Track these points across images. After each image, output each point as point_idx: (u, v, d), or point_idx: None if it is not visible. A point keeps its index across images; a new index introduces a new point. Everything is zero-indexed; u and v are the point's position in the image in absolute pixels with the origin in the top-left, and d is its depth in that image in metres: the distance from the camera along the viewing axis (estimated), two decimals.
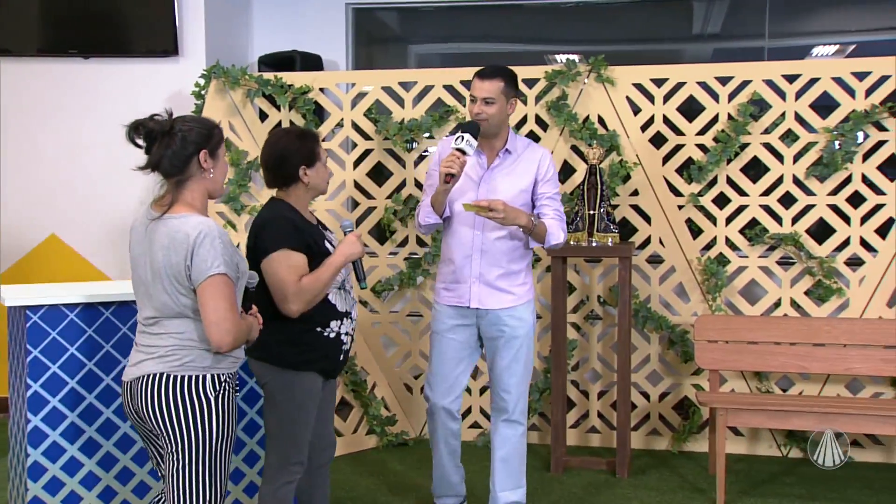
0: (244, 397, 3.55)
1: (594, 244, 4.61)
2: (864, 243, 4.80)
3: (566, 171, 5.06)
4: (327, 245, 3.16)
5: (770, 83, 4.83)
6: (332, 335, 3.14)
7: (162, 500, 2.75)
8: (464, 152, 3.47)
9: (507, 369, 3.64)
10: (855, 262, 4.84)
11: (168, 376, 2.54)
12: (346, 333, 3.19)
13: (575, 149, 5.03)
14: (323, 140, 5.08)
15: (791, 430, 4.74)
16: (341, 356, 3.20)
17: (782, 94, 4.82)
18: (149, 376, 2.56)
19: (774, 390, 4.87)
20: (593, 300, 5.09)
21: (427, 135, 5.14)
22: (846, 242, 4.82)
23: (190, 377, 2.55)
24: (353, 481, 4.49)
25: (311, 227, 3.17)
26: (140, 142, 2.60)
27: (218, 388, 2.57)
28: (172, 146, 2.57)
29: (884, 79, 4.72)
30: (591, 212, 4.61)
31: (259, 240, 3.08)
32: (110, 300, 3.29)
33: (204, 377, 2.56)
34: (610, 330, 5.07)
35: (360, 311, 5.10)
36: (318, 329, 3.11)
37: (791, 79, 4.82)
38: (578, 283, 5.09)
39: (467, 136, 3.47)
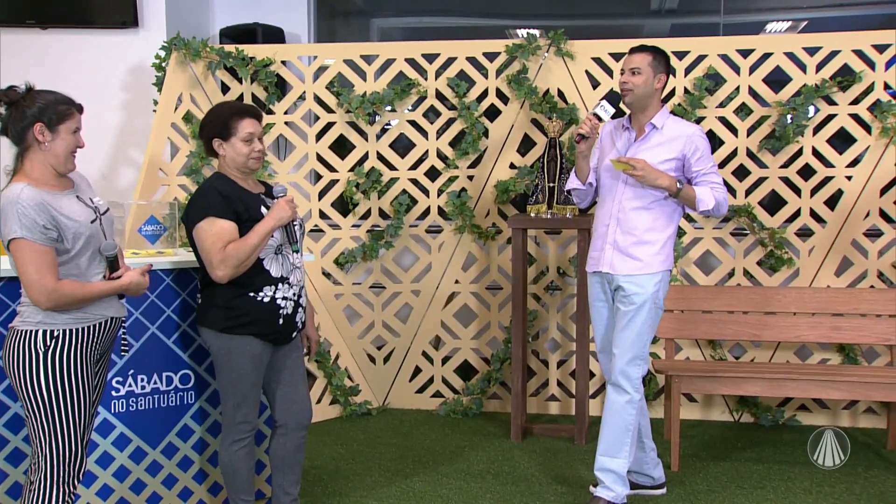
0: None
1: (554, 216, 4.69)
2: (814, 215, 4.95)
3: (526, 144, 5.14)
4: (263, 211, 3.21)
5: (725, 58, 4.94)
6: (266, 300, 3.20)
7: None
8: (599, 118, 3.62)
9: (619, 333, 3.67)
10: (805, 233, 4.98)
11: (12, 330, 2.73)
12: (285, 298, 3.24)
13: (535, 122, 5.10)
14: (285, 113, 5.12)
15: (743, 395, 4.89)
16: (280, 320, 3.25)
17: (737, 69, 4.93)
18: (8, 329, 2.76)
19: (727, 358, 5.02)
20: (553, 271, 5.18)
21: (389, 108, 5.18)
22: (797, 214, 4.96)
23: (21, 332, 2.70)
24: (317, 450, 4.56)
25: (247, 196, 3.22)
26: (1, 109, 2.73)
27: (49, 342, 2.68)
28: (14, 116, 2.69)
29: (834, 54, 4.85)
30: (551, 184, 4.69)
31: (188, 210, 3.21)
32: None
33: (35, 332, 2.69)
34: (569, 300, 5.17)
35: (323, 283, 5.16)
36: (252, 294, 3.19)
37: (745, 53, 4.93)
38: (538, 254, 5.18)
39: (604, 102, 3.63)
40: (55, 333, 2.69)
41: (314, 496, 3.95)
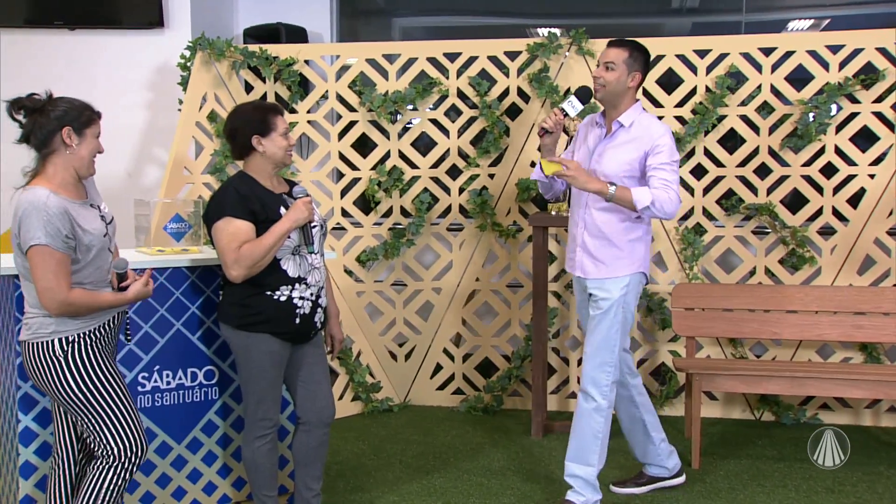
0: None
1: None
2: (836, 213, 4.93)
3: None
4: (282, 212, 3.25)
5: (747, 56, 4.93)
6: (283, 299, 3.25)
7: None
8: (565, 113, 3.57)
9: (587, 337, 3.63)
10: (827, 232, 4.97)
11: (26, 344, 2.80)
12: (302, 298, 3.28)
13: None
14: (308, 112, 5.17)
15: (764, 394, 4.88)
16: (296, 320, 3.28)
17: (759, 67, 4.92)
18: (21, 343, 2.83)
19: (748, 356, 5.01)
20: None
21: (410, 106, 5.22)
22: (819, 212, 4.94)
23: (36, 344, 2.77)
24: (339, 446, 4.60)
25: (267, 196, 3.27)
26: (20, 117, 2.78)
27: (66, 347, 2.77)
28: (39, 122, 2.74)
29: (857, 52, 4.82)
30: None
31: (207, 209, 3.27)
32: None
33: (51, 342, 2.76)
34: None
35: (345, 281, 5.20)
36: (268, 293, 3.24)
37: (767, 52, 4.91)
38: (559, 252, 5.20)
39: (573, 97, 3.59)
40: (70, 338, 2.78)
41: (336, 491, 4.00)
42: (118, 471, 2.84)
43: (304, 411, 3.44)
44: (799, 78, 4.90)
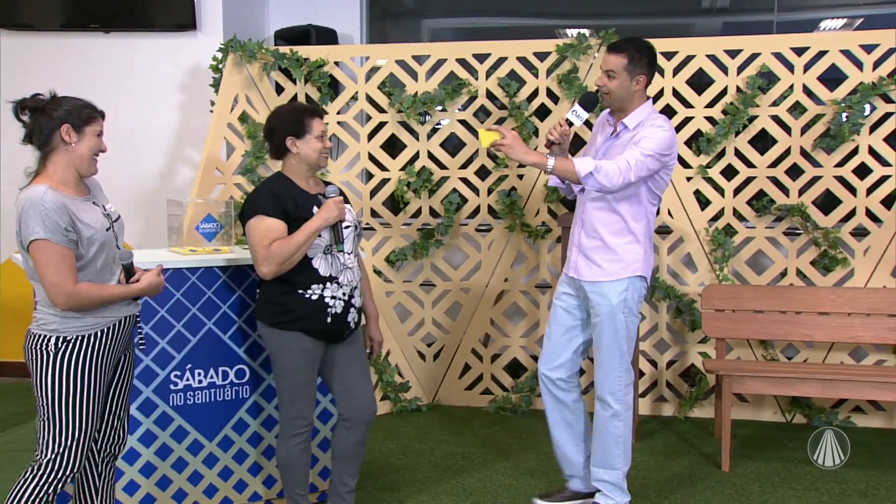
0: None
1: None
2: (870, 214, 4.88)
3: (577, 144, 5.13)
4: (315, 211, 3.30)
5: (779, 56, 4.89)
6: (315, 297, 3.28)
7: None
8: (571, 123, 3.51)
9: (594, 347, 3.59)
10: (860, 233, 4.92)
11: (29, 333, 2.79)
12: (334, 297, 3.31)
13: (586, 122, 5.07)
14: (338, 113, 5.21)
15: (795, 396, 4.84)
16: (328, 319, 3.31)
17: (791, 67, 4.88)
18: (27, 333, 2.81)
19: (779, 358, 4.97)
20: None
21: (440, 107, 5.23)
22: (852, 213, 4.89)
23: (38, 335, 2.75)
24: (369, 445, 4.58)
25: (301, 196, 3.31)
26: (24, 118, 2.78)
27: (61, 345, 2.73)
28: (41, 121, 2.75)
29: (891, 51, 4.77)
30: None
31: (242, 208, 3.34)
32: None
33: (49, 337, 2.74)
34: None
35: (374, 281, 5.23)
36: (300, 291, 3.28)
37: (799, 51, 4.88)
38: None
39: (577, 106, 3.52)
40: (68, 338, 2.74)
41: (366, 490, 4.02)
42: (40, 481, 2.75)
43: (344, 409, 3.48)
44: (832, 78, 4.86)
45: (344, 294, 3.34)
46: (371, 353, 3.64)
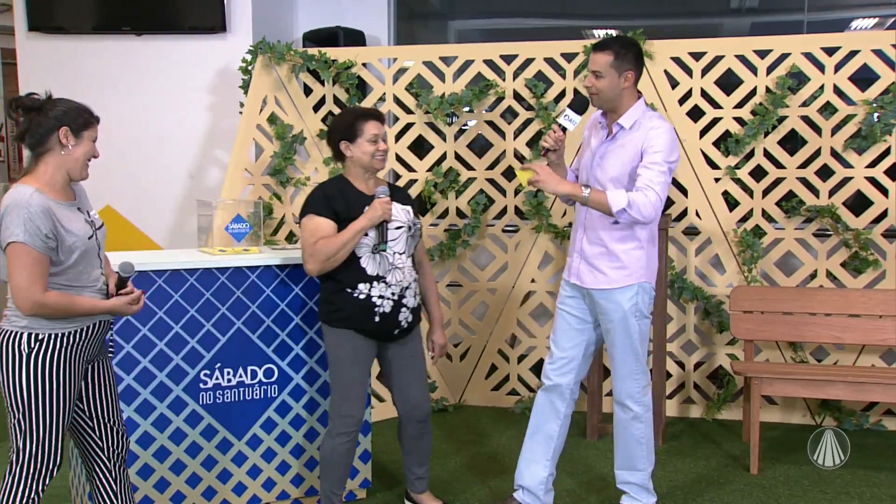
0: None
1: None
2: None
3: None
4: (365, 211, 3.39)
5: (809, 56, 4.85)
6: (362, 297, 3.37)
7: None
8: (564, 129, 3.46)
9: (609, 352, 3.57)
10: (892, 235, 4.86)
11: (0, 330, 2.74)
12: (382, 296, 3.38)
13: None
14: None
15: (825, 399, 4.80)
16: (375, 318, 3.39)
17: (821, 67, 4.84)
18: None
19: (809, 360, 4.93)
20: None
21: (467, 108, 5.25)
22: (883, 214, 4.84)
23: (8, 332, 2.70)
24: (395, 445, 4.62)
25: (356, 196, 3.41)
26: (18, 116, 2.77)
27: (34, 344, 2.68)
28: (37, 120, 2.72)
29: None
30: None
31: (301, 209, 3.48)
32: (163, 268, 3.47)
33: (20, 334, 2.70)
34: None
35: None
36: (349, 290, 3.38)
37: (830, 51, 4.83)
38: None
39: (569, 110, 3.48)
40: (40, 336, 2.70)
41: (391, 490, 4.04)
42: (20, 482, 2.73)
43: (398, 407, 3.64)
44: (863, 77, 4.81)
45: (393, 294, 3.41)
46: (433, 357, 3.75)
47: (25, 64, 5.87)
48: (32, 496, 2.75)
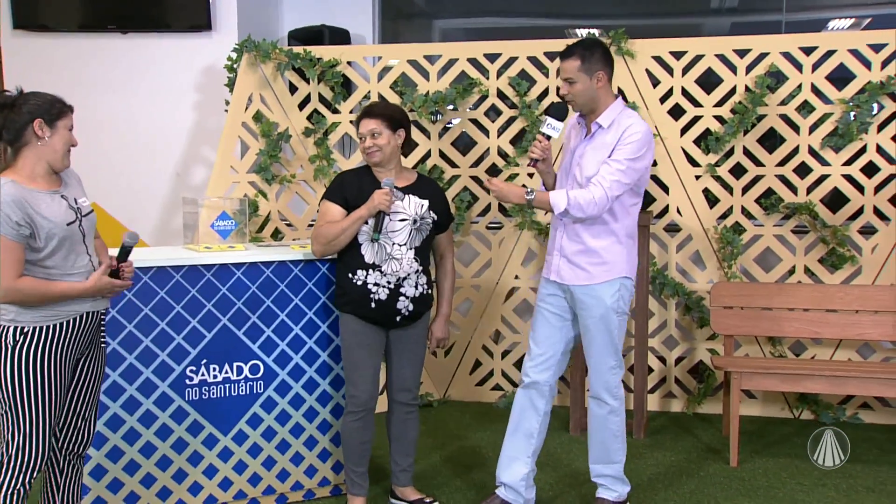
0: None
1: None
2: (878, 212, 4.91)
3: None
4: None
5: (787, 55, 4.92)
6: (359, 282, 3.51)
7: None
8: (548, 137, 3.51)
9: (587, 347, 3.61)
10: (868, 231, 4.94)
11: None
12: (377, 284, 3.49)
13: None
14: (350, 112, 5.28)
15: (803, 392, 4.88)
16: (373, 304, 3.50)
17: (799, 66, 4.91)
18: None
19: (787, 355, 5.01)
20: None
21: (451, 107, 5.29)
22: (860, 211, 4.92)
23: None
24: (379, 440, 4.65)
25: (370, 185, 3.54)
26: None
27: (18, 338, 2.70)
28: (11, 117, 2.75)
29: None
30: None
31: None
32: (149, 265, 3.50)
33: (6, 328, 2.72)
34: None
35: None
36: (349, 275, 3.54)
37: (808, 51, 4.90)
38: None
39: (551, 119, 3.51)
40: (25, 330, 2.71)
41: (376, 483, 4.08)
42: (7, 476, 2.76)
43: (388, 390, 3.75)
44: (840, 77, 4.89)
45: (388, 282, 3.51)
46: (430, 347, 3.82)
47: (11, 62, 5.87)
48: (19, 487, 2.77)
